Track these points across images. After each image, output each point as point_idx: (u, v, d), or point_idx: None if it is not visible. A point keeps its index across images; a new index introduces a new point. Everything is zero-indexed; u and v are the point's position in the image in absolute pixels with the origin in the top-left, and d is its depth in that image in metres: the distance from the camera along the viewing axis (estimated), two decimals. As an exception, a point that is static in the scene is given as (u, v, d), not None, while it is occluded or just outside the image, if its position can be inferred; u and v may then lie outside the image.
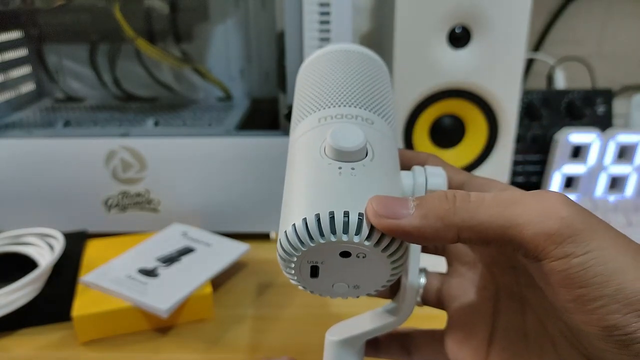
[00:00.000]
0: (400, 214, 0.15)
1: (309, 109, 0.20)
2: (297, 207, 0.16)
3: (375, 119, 0.19)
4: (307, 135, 0.19)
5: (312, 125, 0.19)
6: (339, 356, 0.20)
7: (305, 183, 0.17)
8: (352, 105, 0.19)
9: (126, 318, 0.36)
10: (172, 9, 0.54)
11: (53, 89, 0.62)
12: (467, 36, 0.40)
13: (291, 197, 0.17)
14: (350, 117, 0.18)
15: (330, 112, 0.19)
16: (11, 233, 0.43)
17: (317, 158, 0.17)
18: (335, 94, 0.20)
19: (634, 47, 0.69)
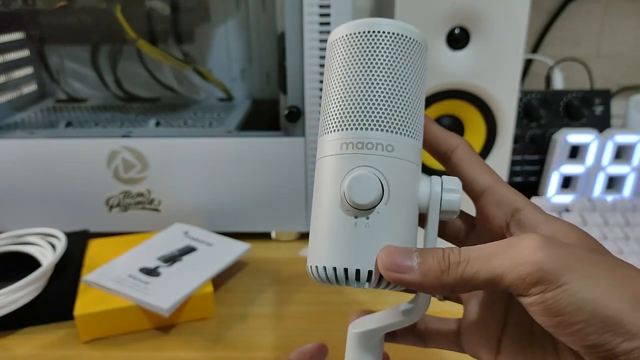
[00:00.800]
0: (404, 268, 0.18)
1: (334, 122, 0.21)
2: (319, 251, 0.20)
3: (396, 141, 0.20)
4: (330, 164, 0.21)
5: (335, 150, 0.21)
6: (360, 346, 0.23)
7: (327, 229, 0.20)
8: (375, 129, 0.20)
9: (128, 317, 0.36)
10: (173, 10, 0.54)
11: (55, 90, 0.63)
12: (465, 37, 0.41)
13: (316, 233, 0.21)
14: (371, 146, 0.20)
15: (353, 138, 0.20)
16: (14, 233, 0.43)
17: (336, 202, 0.20)
18: (360, 110, 0.20)
19: (632, 48, 0.69)
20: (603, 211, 0.46)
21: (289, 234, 0.50)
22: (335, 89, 0.21)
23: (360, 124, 0.20)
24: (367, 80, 0.20)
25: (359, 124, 0.20)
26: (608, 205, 0.46)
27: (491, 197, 0.21)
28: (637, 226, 0.44)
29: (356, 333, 0.23)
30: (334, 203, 0.20)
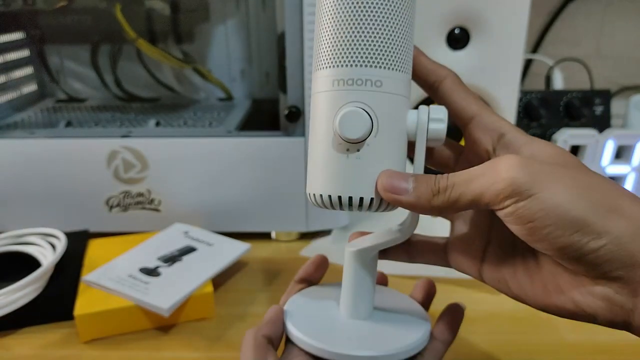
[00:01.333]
0: (401, 190, 0.21)
1: (325, 59, 0.22)
2: (317, 180, 0.23)
3: (385, 76, 0.21)
4: (323, 99, 0.22)
5: (327, 86, 0.22)
6: (356, 263, 0.25)
7: (322, 159, 0.22)
8: (364, 65, 0.21)
9: (128, 317, 0.36)
10: (173, 10, 0.54)
11: (55, 90, 0.63)
12: (466, 38, 0.41)
13: (313, 163, 0.23)
14: (360, 82, 0.21)
15: (344, 75, 0.21)
16: (14, 233, 0.43)
17: (330, 135, 0.22)
18: (350, 47, 0.21)
19: (631, 48, 0.69)
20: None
21: (288, 234, 0.50)
22: (326, 26, 0.22)
23: (350, 61, 0.21)
24: (356, 18, 0.21)
25: (349, 61, 0.21)
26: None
27: (478, 124, 0.23)
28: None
29: (352, 251, 0.25)
30: (328, 137, 0.22)
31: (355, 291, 0.25)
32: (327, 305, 0.27)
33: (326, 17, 0.22)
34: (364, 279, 0.25)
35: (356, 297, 0.25)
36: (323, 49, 0.22)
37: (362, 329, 0.25)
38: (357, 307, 0.25)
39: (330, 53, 0.22)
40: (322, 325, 0.25)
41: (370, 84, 0.21)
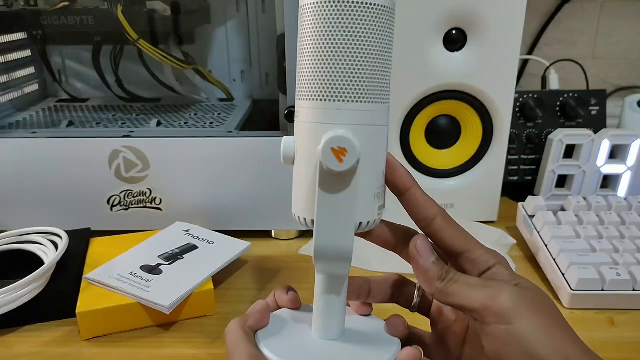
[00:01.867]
0: (428, 255, 0.24)
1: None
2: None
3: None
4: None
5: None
6: (324, 284, 0.25)
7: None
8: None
9: (129, 314, 0.37)
10: (174, 11, 0.55)
11: (56, 90, 0.63)
12: (462, 39, 0.41)
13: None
14: (296, 113, 0.23)
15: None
16: (16, 231, 0.43)
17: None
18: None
19: (627, 49, 0.70)
20: (598, 210, 0.46)
21: (288, 232, 0.50)
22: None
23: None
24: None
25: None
26: (603, 205, 0.47)
27: (467, 259, 0.25)
28: (632, 225, 0.44)
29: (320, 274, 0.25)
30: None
31: (325, 312, 0.25)
32: (300, 326, 0.27)
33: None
34: (334, 299, 0.25)
35: (326, 318, 0.25)
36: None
37: (332, 348, 0.25)
38: (327, 328, 0.26)
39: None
40: (292, 345, 0.25)
41: (296, 114, 0.23)
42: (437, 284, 0.23)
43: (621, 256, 0.40)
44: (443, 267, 0.24)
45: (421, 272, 0.24)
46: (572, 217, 0.45)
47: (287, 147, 0.24)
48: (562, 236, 0.43)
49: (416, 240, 0.24)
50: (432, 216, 0.25)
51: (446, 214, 0.25)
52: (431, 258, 0.24)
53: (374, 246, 0.26)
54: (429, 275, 0.24)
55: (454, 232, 0.25)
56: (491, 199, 0.49)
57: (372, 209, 0.24)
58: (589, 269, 0.39)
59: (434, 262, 0.24)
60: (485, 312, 0.22)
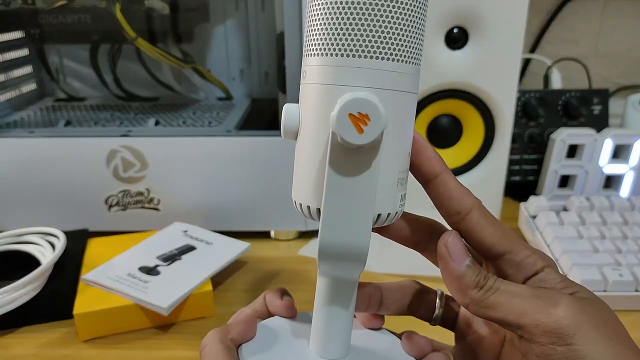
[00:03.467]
0: (460, 258, 0.20)
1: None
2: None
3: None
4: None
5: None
6: (329, 289, 0.20)
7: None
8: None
9: (127, 316, 0.36)
10: (172, 9, 0.54)
11: (54, 89, 0.63)
12: (464, 37, 0.41)
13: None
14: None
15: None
16: (13, 232, 0.43)
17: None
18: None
19: (629, 47, 0.69)
20: (601, 210, 0.46)
21: (287, 233, 0.50)
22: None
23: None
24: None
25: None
26: (606, 205, 0.46)
27: (509, 261, 0.20)
28: (635, 225, 0.44)
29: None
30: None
31: (327, 325, 0.20)
32: (295, 341, 0.22)
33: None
34: (339, 310, 0.20)
35: (328, 332, 0.20)
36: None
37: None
38: (328, 344, 0.20)
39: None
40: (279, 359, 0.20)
41: (302, 75, 0.19)
42: (474, 293, 0.19)
43: (624, 257, 0.40)
44: (480, 272, 0.20)
45: (453, 278, 0.20)
46: (575, 218, 0.45)
47: (290, 116, 0.19)
48: (564, 237, 0.42)
49: (447, 238, 0.20)
50: (467, 209, 0.20)
51: (482, 207, 0.21)
52: (465, 260, 0.20)
53: (374, 244, 0.21)
54: (463, 282, 0.19)
55: (493, 228, 0.20)
56: (493, 199, 0.49)
57: (395, 198, 0.19)
58: (591, 269, 0.38)
59: (469, 266, 0.19)
60: (537, 330, 0.18)
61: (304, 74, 0.19)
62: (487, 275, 0.20)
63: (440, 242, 0.20)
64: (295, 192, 0.20)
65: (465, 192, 0.21)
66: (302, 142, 0.19)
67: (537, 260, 0.20)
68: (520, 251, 0.20)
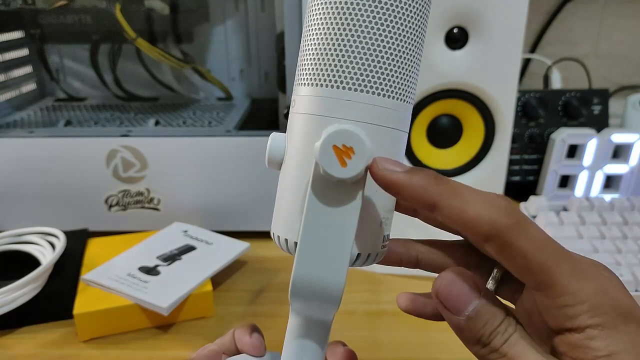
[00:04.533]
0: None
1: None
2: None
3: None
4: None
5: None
6: (301, 327, 0.20)
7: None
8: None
9: (127, 316, 0.36)
10: (172, 9, 0.54)
11: (54, 89, 0.63)
12: (464, 37, 0.41)
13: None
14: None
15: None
16: (13, 232, 0.43)
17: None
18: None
19: (629, 48, 0.69)
20: (601, 210, 0.46)
21: (288, 233, 0.50)
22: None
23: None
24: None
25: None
26: (606, 205, 0.46)
27: (546, 306, 0.16)
28: (634, 225, 0.44)
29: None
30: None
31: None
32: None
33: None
34: (310, 351, 0.19)
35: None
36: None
37: None
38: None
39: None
40: None
41: (292, 104, 0.18)
42: (476, 349, 0.16)
43: (624, 257, 0.40)
44: (488, 323, 0.15)
45: (452, 327, 0.16)
46: (575, 218, 0.45)
47: (275, 145, 0.18)
48: (564, 236, 0.42)
49: (438, 284, 0.16)
50: (483, 238, 0.15)
51: (508, 232, 0.15)
52: (468, 308, 0.16)
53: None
54: (463, 335, 0.16)
55: (522, 260, 0.15)
56: (492, 199, 0.49)
57: (377, 238, 0.18)
58: (591, 270, 0.38)
59: (471, 317, 0.16)
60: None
61: (294, 102, 0.18)
62: (497, 328, 0.15)
63: (432, 287, 0.16)
64: (275, 224, 0.19)
65: (471, 223, 0.16)
66: (285, 172, 0.18)
67: (582, 315, 0.15)
68: (561, 293, 0.15)
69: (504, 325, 0.16)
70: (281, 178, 0.19)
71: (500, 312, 0.16)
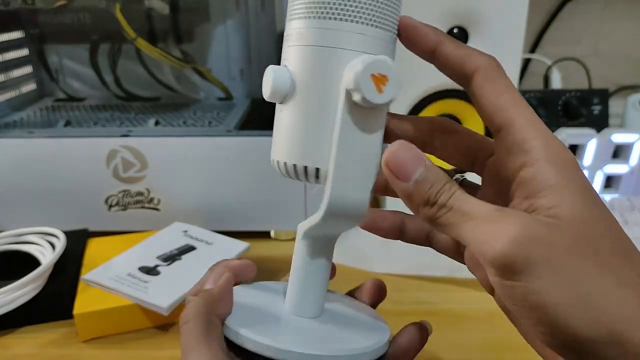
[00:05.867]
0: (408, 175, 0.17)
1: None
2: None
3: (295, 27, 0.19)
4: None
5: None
6: (307, 245, 0.22)
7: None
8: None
9: (127, 316, 0.36)
10: (172, 9, 0.54)
11: (54, 89, 0.63)
12: (464, 37, 0.41)
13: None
14: (285, 38, 0.19)
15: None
16: (13, 232, 0.43)
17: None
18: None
19: (629, 47, 0.69)
20: (601, 210, 0.46)
21: (287, 233, 0.50)
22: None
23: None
24: None
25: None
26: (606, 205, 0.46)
27: (503, 140, 0.17)
28: (635, 225, 0.44)
29: (303, 230, 0.22)
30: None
31: (303, 282, 0.22)
32: (271, 301, 0.23)
33: None
34: (318, 269, 0.22)
35: (304, 289, 0.22)
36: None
37: (310, 326, 0.21)
38: (304, 302, 0.22)
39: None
40: (262, 320, 0.21)
41: (288, 39, 0.19)
42: (425, 210, 0.17)
43: (624, 257, 0.40)
44: (435, 183, 0.17)
45: (402, 196, 0.18)
46: (575, 217, 0.45)
47: (281, 77, 0.19)
48: (564, 236, 0.42)
49: (386, 155, 0.17)
50: (470, 72, 0.18)
51: (490, 67, 0.18)
52: (414, 174, 0.17)
53: (374, 244, 0.22)
54: (412, 200, 0.17)
55: (496, 96, 0.17)
56: (493, 199, 0.49)
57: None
58: (592, 269, 0.38)
59: (418, 181, 0.17)
60: (485, 262, 0.15)
61: (290, 37, 0.19)
62: (442, 187, 0.17)
63: (382, 160, 0.18)
64: (282, 152, 0.20)
65: (467, 54, 0.18)
66: (298, 104, 0.19)
67: (533, 149, 0.16)
68: (516, 130, 0.16)
69: (448, 185, 0.17)
70: (290, 109, 0.19)
71: (444, 176, 0.17)
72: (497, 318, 0.38)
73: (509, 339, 0.36)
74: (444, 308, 0.38)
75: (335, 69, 0.18)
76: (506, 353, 0.34)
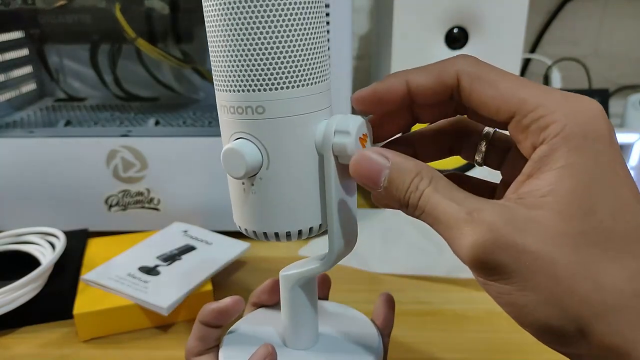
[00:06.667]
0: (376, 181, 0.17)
1: (222, 78, 0.19)
2: (235, 212, 0.23)
3: (267, 99, 0.18)
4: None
5: (220, 112, 0.20)
6: (290, 288, 0.23)
7: (230, 192, 0.22)
8: (240, 90, 0.18)
9: (127, 316, 0.36)
10: (172, 9, 0.54)
11: (54, 89, 0.63)
12: (464, 37, 0.41)
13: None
14: (241, 110, 0.19)
15: (226, 101, 0.19)
16: (13, 232, 0.43)
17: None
18: (224, 70, 0.19)
19: (629, 48, 0.69)
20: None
21: (288, 233, 0.50)
22: (213, 43, 0.19)
23: (226, 85, 0.19)
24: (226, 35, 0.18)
25: (225, 85, 0.19)
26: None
27: (519, 125, 0.16)
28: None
29: (284, 275, 0.23)
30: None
31: (294, 318, 0.23)
32: (268, 335, 0.25)
33: (209, 32, 0.19)
34: (303, 304, 0.23)
35: (296, 325, 0.23)
36: (222, 61, 0.19)
37: (304, 359, 0.23)
38: (297, 336, 0.23)
39: (227, 69, 0.19)
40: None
41: (250, 111, 0.18)
42: (405, 211, 0.17)
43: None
44: (399, 185, 0.17)
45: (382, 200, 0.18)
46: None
47: (253, 155, 0.19)
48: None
49: (352, 162, 0.18)
50: (452, 81, 0.17)
51: (471, 63, 0.17)
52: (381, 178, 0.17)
53: (374, 246, 0.24)
54: (387, 202, 0.18)
55: (493, 90, 0.16)
56: (493, 199, 0.49)
57: None
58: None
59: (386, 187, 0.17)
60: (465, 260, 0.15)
61: (261, 109, 0.19)
62: (409, 188, 0.16)
63: (349, 171, 0.18)
64: (282, 222, 0.20)
65: (440, 70, 0.17)
66: (278, 175, 0.20)
67: (550, 126, 0.15)
68: (529, 112, 0.15)
69: (414, 183, 0.17)
70: (269, 182, 0.20)
71: (409, 172, 0.17)
72: (497, 318, 0.38)
73: (509, 339, 0.36)
74: (443, 308, 0.38)
75: (310, 134, 0.19)
76: (506, 353, 0.34)
